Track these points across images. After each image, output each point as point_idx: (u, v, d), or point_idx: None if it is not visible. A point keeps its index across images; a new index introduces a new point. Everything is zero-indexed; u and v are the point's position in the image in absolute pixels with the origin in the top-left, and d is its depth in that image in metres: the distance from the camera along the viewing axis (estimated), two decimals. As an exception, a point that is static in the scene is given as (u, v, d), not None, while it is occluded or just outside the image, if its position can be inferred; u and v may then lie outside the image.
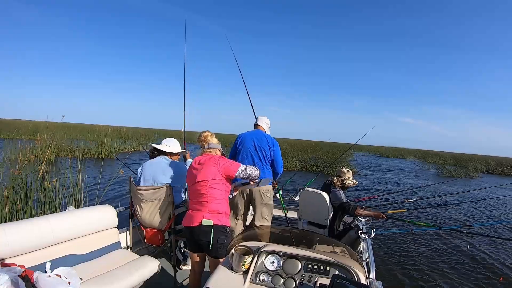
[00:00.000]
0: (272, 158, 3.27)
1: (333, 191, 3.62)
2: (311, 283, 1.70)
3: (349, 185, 3.70)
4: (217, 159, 2.33)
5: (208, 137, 2.48)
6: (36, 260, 2.14)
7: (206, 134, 2.49)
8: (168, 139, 3.19)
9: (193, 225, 2.23)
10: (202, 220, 2.20)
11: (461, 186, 15.27)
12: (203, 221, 2.19)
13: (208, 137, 2.48)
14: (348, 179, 3.70)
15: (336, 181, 3.71)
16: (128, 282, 2.23)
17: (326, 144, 23.56)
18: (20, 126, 19.05)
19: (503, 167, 25.19)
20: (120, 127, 28.75)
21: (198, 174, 2.29)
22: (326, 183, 3.83)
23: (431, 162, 30.25)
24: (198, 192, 2.29)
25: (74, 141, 15.35)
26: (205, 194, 2.25)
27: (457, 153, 43.02)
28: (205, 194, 2.25)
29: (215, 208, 2.25)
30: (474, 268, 4.91)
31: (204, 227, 2.19)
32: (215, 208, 2.25)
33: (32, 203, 4.09)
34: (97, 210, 2.71)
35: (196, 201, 2.30)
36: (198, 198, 2.28)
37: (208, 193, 2.25)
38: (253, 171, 2.41)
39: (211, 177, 2.25)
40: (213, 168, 2.27)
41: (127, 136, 21.57)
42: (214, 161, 2.32)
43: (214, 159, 2.34)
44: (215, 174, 2.27)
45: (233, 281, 1.75)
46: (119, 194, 7.64)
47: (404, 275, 4.41)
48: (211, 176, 2.25)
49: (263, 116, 3.55)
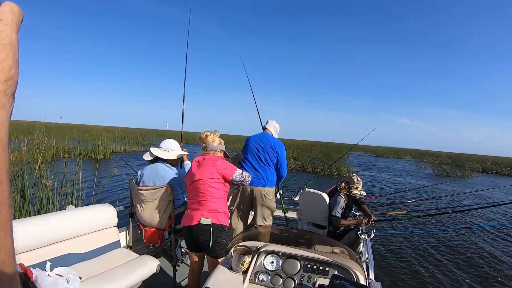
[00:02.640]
0: (277, 160, 3.26)
1: (335, 197, 3.55)
2: (311, 283, 1.71)
3: (355, 194, 3.58)
4: (215, 159, 2.32)
5: (208, 138, 2.39)
6: (36, 259, 2.14)
7: (205, 135, 2.40)
8: (166, 142, 3.09)
9: (192, 224, 2.21)
10: (200, 219, 2.18)
11: (459, 186, 15.36)
12: (201, 220, 2.18)
13: (208, 138, 2.39)
14: (356, 188, 3.58)
15: (343, 187, 3.62)
16: (127, 281, 2.23)
17: (323, 144, 23.64)
18: (15, 126, 18.91)
19: (499, 167, 25.41)
20: (116, 127, 28.63)
21: (197, 173, 2.28)
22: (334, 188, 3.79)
23: (427, 161, 30.43)
24: (197, 191, 2.27)
25: (71, 141, 15.28)
26: (203, 193, 2.23)
27: (453, 153, 43.28)
28: (204, 193, 2.23)
29: (214, 207, 2.23)
30: (473, 268, 4.94)
31: (203, 226, 2.18)
32: (214, 207, 2.23)
33: (30, 203, 4.08)
34: (97, 209, 2.70)
35: (195, 200, 2.28)
36: (197, 197, 2.27)
37: (206, 191, 2.23)
38: (247, 176, 2.41)
39: (210, 176, 2.24)
40: (211, 167, 2.25)
41: (123, 136, 21.49)
42: (213, 160, 2.30)
43: (212, 158, 2.33)
44: (213, 173, 2.25)
45: (232, 281, 1.75)
46: (116, 193, 7.63)
47: (404, 276, 4.44)
48: (209, 175, 2.24)
49: (272, 120, 3.55)
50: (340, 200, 3.53)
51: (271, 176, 3.26)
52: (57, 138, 10.67)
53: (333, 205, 3.51)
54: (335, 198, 3.56)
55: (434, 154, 39.06)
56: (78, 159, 6.43)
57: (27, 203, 4.04)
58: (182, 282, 2.92)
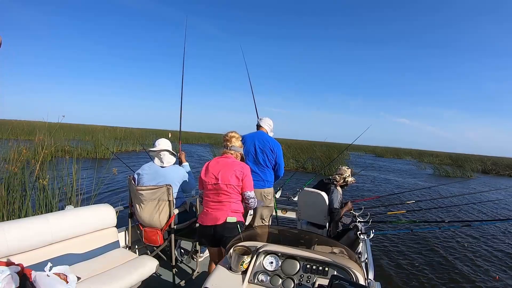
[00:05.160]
0: (275, 161, 3.24)
1: (332, 190, 3.64)
2: (310, 283, 1.71)
3: (351, 182, 3.79)
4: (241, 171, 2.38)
5: (233, 138, 2.51)
6: (35, 259, 2.14)
7: (232, 135, 2.52)
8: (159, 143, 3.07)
9: (217, 223, 2.34)
10: (227, 218, 2.34)
11: (458, 186, 15.35)
12: (228, 218, 2.34)
13: (233, 138, 2.52)
14: (349, 176, 3.78)
15: (338, 179, 3.74)
16: (126, 281, 2.23)
17: (323, 144, 23.65)
18: (16, 126, 18.91)
19: (499, 167, 25.43)
20: (116, 127, 28.65)
21: (221, 175, 2.35)
22: (324, 182, 3.85)
23: (427, 162, 30.41)
24: (219, 192, 2.36)
25: (71, 141, 15.28)
26: (227, 195, 2.36)
27: (453, 153, 43.27)
28: (228, 195, 2.36)
29: (236, 208, 2.40)
30: (471, 267, 4.96)
31: (229, 224, 2.34)
32: (236, 207, 2.40)
33: (30, 202, 4.07)
34: (96, 209, 2.70)
35: (217, 201, 2.38)
36: (220, 197, 2.37)
37: (230, 194, 2.37)
38: (254, 204, 2.51)
39: (235, 183, 2.36)
40: (235, 179, 2.36)
41: (123, 136, 21.50)
42: (239, 172, 2.37)
43: (239, 168, 2.38)
44: (238, 182, 2.38)
45: (231, 281, 1.75)
46: (116, 193, 7.63)
47: (403, 276, 4.44)
48: (234, 182, 2.36)
49: (265, 117, 3.45)
50: (338, 193, 3.64)
51: (270, 177, 3.25)
52: (57, 138, 10.67)
53: (334, 199, 3.58)
54: (332, 193, 3.64)
55: (434, 154, 39.03)
56: (78, 159, 6.43)
57: (27, 203, 4.04)
58: (181, 282, 2.91)
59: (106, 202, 3.07)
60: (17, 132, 16.79)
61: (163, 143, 3.04)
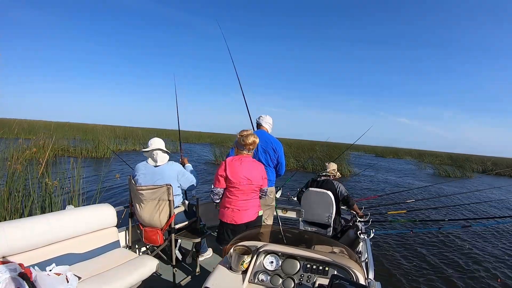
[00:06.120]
0: (277, 160, 3.26)
1: (336, 183, 3.82)
2: (310, 283, 1.71)
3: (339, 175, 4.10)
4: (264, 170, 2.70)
5: (255, 143, 2.66)
6: (35, 258, 2.14)
7: (255, 140, 2.63)
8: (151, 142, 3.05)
9: (251, 220, 2.63)
10: (258, 211, 2.70)
11: (458, 186, 15.35)
12: (259, 212, 2.73)
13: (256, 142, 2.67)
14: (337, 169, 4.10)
15: (335, 173, 4.00)
16: (127, 281, 2.23)
17: (324, 144, 23.66)
18: (16, 125, 18.90)
19: (499, 168, 25.39)
20: (117, 126, 28.66)
21: (253, 176, 2.56)
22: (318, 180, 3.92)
23: (427, 162, 30.39)
24: (249, 191, 2.58)
25: (71, 141, 15.28)
26: (255, 192, 2.64)
27: (453, 153, 43.23)
28: (255, 192, 2.65)
29: (259, 202, 2.75)
30: (472, 268, 4.94)
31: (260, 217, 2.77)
32: (259, 202, 2.74)
33: (31, 202, 4.08)
34: (96, 209, 2.70)
35: (246, 199, 2.60)
36: (249, 195, 2.60)
37: (256, 192, 2.66)
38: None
39: (260, 182, 2.64)
40: (262, 179, 2.65)
41: (124, 135, 21.50)
42: (264, 172, 2.69)
43: (262, 168, 2.69)
44: (263, 182, 2.68)
45: (232, 280, 1.75)
46: (117, 193, 7.63)
47: (403, 276, 4.44)
48: (261, 181, 2.65)
49: (265, 115, 3.43)
50: (340, 184, 3.85)
51: (272, 176, 3.26)
52: (58, 137, 10.68)
53: (342, 189, 3.77)
54: (337, 185, 3.82)
55: (434, 154, 38.99)
56: (79, 158, 6.44)
57: (30, 203, 4.05)
58: (182, 282, 2.91)
59: (106, 201, 3.08)
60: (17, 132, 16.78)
61: (155, 143, 3.04)
